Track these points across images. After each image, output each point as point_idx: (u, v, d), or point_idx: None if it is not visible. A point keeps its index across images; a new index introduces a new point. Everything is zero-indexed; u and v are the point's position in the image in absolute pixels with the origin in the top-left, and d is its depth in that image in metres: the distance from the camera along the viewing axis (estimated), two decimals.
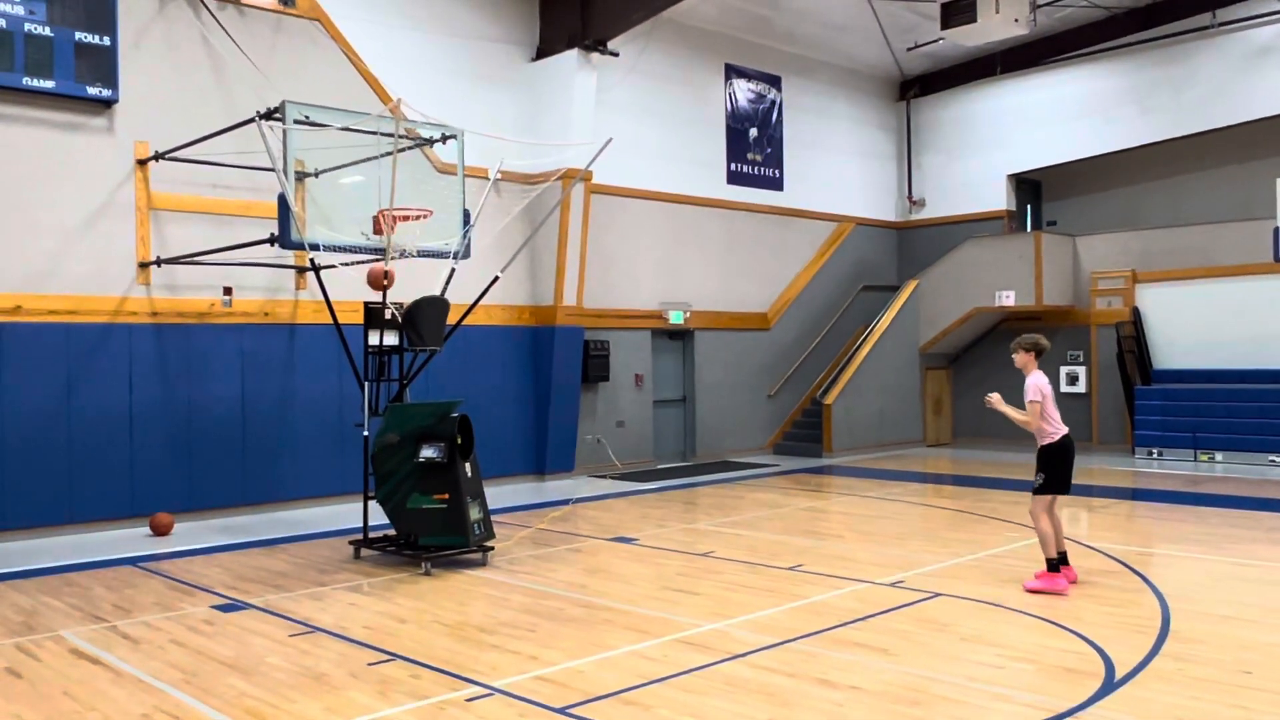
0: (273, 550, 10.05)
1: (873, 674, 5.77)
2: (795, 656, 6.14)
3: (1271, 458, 15.49)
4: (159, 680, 5.88)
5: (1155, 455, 16.59)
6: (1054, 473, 7.82)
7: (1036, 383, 7.82)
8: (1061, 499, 8.02)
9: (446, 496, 8.86)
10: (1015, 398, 8.02)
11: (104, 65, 11.02)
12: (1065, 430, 7.88)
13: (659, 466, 16.44)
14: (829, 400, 17.86)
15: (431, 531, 8.94)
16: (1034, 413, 7.78)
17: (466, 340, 13.30)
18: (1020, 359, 7.97)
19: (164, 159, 11.33)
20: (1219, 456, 16.02)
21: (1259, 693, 5.33)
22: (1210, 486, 13.58)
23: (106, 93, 11.04)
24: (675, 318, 16.92)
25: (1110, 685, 5.47)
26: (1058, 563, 7.74)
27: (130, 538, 10.69)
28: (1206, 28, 17.37)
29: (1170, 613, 6.98)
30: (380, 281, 9.15)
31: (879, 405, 18.64)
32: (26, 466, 10.61)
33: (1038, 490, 7.86)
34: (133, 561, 9.53)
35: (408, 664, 6.13)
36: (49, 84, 10.66)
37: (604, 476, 15.31)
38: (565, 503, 12.79)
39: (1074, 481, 7.97)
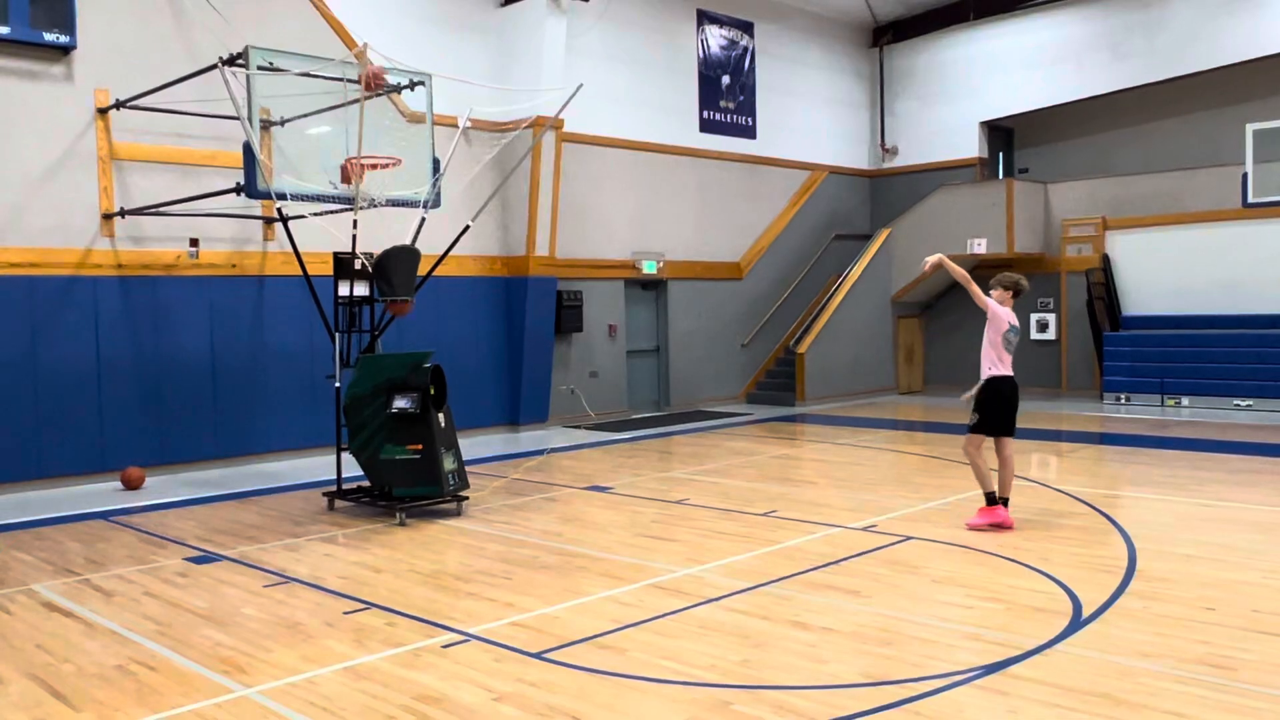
0: (246, 503, 10.02)
1: (845, 615, 5.84)
2: (769, 600, 6.21)
3: (1237, 401, 15.72)
4: (133, 632, 5.87)
5: (1123, 400, 16.78)
6: (986, 414, 7.94)
7: (997, 311, 7.90)
8: (1030, 444, 8.11)
9: (420, 447, 8.84)
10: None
11: (60, 10, 10.71)
12: (1009, 374, 7.94)
13: (633, 416, 16.48)
14: (802, 349, 17.92)
15: (405, 482, 8.92)
16: (978, 296, 7.85)
17: (439, 291, 13.20)
18: (998, 295, 8.03)
19: (125, 107, 11.09)
20: (1185, 401, 16.24)
21: (1220, 628, 5.45)
22: (1177, 430, 13.78)
23: (64, 39, 10.76)
24: (648, 268, 16.86)
25: (1077, 623, 5.57)
26: (994, 496, 7.93)
27: (101, 492, 10.61)
28: None
29: (1136, 553, 7.10)
30: None
31: (852, 354, 18.72)
32: None
33: (971, 428, 8.02)
34: (104, 515, 9.47)
35: (384, 612, 6.15)
36: (3, 30, 10.37)
37: (578, 427, 15.33)
38: (540, 453, 12.81)
39: (1044, 426, 8.08)
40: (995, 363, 7.92)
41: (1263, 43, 16.59)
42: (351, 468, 9.77)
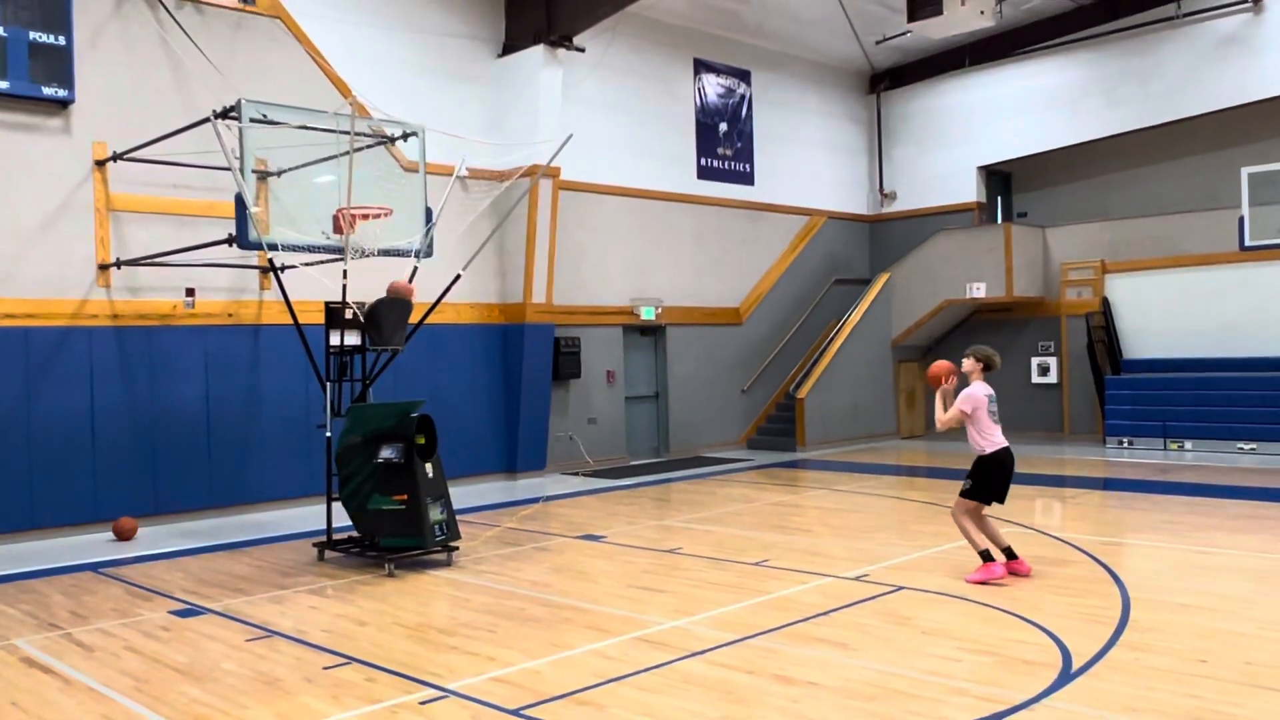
0: (236, 554, 9.95)
1: (831, 669, 5.75)
2: (754, 653, 6.11)
3: (1240, 445, 15.59)
4: (109, 688, 5.80)
5: (1126, 444, 16.66)
6: (982, 483, 7.84)
7: (972, 393, 7.83)
8: (1031, 490, 8.02)
9: (405, 497, 8.79)
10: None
11: (60, 65, 10.86)
12: (1003, 444, 7.83)
13: (632, 463, 16.39)
14: (802, 394, 17.86)
15: (390, 532, 8.86)
16: (952, 417, 7.80)
17: (437, 339, 13.21)
18: (968, 365, 8.00)
19: (122, 159, 11.19)
20: (1188, 445, 16.11)
21: (1212, 681, 5.34)
22: (1179, 475, 13.65)
23: (63, 93, 10.89)
24: (647, 313, 16.87)
25: (1066, 677, 5.47)
26: (989, 554, 7.77)
27: (92, 543, 10.55)
28: (1171, 18, 17.45)
29: (1130, 602, 7.00)
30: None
31: (852, 399, 18.65)
32: None
33: (963, 494, 7.92)
34: (93, 567, 9.41)
35: (364, 667, 6.06)
36: (3, 84, 10.49)
37: (576, 474, 15.25)
38: (535, 501, 12.73)
39: (1045, 471, 7.99)
40: (992, 440, 7.80)
41: (1256, 88, 16.66)
42: (342, 518, 9.70)
